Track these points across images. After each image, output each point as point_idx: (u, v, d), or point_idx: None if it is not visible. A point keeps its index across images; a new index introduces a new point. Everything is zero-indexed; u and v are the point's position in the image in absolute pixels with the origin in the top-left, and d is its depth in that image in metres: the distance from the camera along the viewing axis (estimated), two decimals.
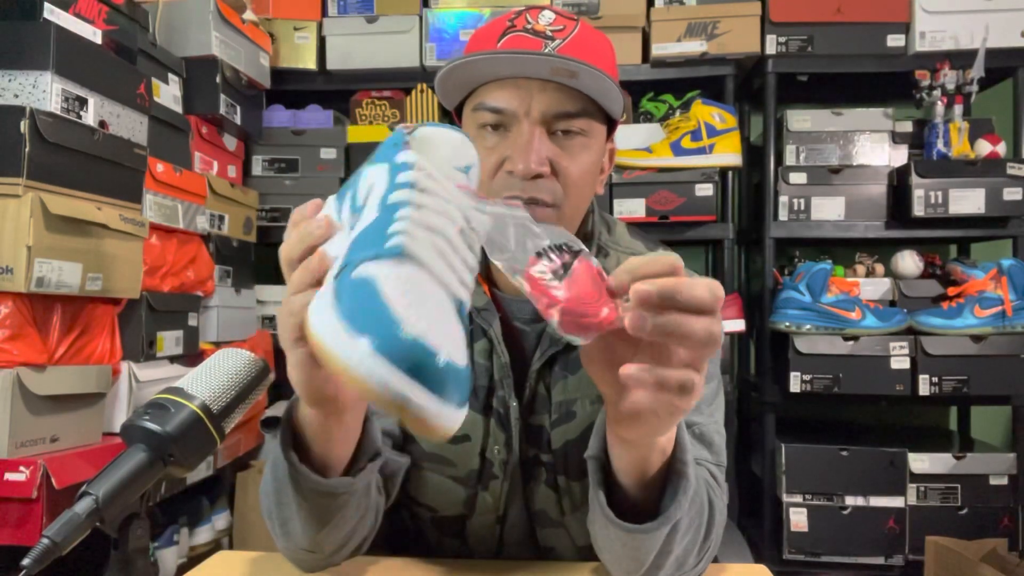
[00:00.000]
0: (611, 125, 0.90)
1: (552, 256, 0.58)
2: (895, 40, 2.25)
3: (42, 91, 1.38)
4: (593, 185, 0.89)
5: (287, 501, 0.71)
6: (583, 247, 0.59)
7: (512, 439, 0.89)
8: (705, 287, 0.53)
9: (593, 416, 0.86)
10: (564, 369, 0.89)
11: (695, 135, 2.16)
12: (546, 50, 0.81)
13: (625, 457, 0.64)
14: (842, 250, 2.45)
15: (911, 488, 2.10)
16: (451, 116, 0.94)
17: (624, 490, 0.66)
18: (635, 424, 0.58)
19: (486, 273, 0.93)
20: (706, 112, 2.17)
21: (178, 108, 1.92)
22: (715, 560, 1.11)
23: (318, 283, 0.53)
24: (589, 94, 0.83)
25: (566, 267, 0.57)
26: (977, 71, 2.12)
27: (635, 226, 1.03)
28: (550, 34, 0.82)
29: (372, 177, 0.57)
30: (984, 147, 2.17)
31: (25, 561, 0.48)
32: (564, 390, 0.88)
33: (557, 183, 0.83)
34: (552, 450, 0.88)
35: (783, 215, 2.26)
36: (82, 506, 0.51)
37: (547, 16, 0.84)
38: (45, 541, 0.49)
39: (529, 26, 0.83)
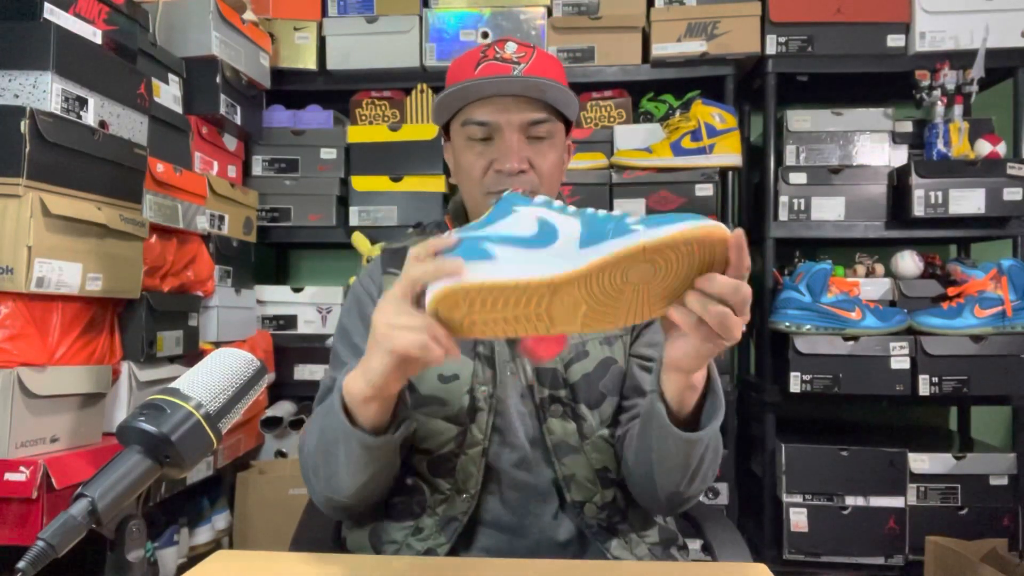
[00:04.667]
0: (567, 126, 1.12)
1: None
2: (895, 40, 2.25)
3: (42, 91, 1.38)
4: (560, 175, 1.12)
5: (337, 456, 0.90)
6: None
7: (496, 376, 1.04)
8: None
9: (603, 353, 1.07)
10: None
11: (695, 135, 2.16)
12: (514, 73, 1.03)
13: (672, 390, 0.85)
14: (842, 250, 2.45)
15: (911, 488, 2.09)
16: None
17: (673, 414, 0.87)
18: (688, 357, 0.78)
19: None
20: (706, 112, 2.17)
21: (178, 108, 1.92)
22: (715, 559, 1.12)
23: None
24: (554, 104, 1.06)
25: None
26: (977, 71, 2.12)
27: None
28: (516, 60, 1.05)
29: None
30: (984, 147, 2.16)
31: (20, 564, 0.48)
32: (578, 334, 1.06)
33: (535, 176, 1.05)
34: (569, 385, 1.04)
35: (783, 215, 2.25)
36: (78, 508, 0.51)
37: (511, 46, 1.06)
38: (40, 544, 0.49)
39: (498, 55, 1.05)
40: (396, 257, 1.15)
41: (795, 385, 2.12)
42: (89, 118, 1.48)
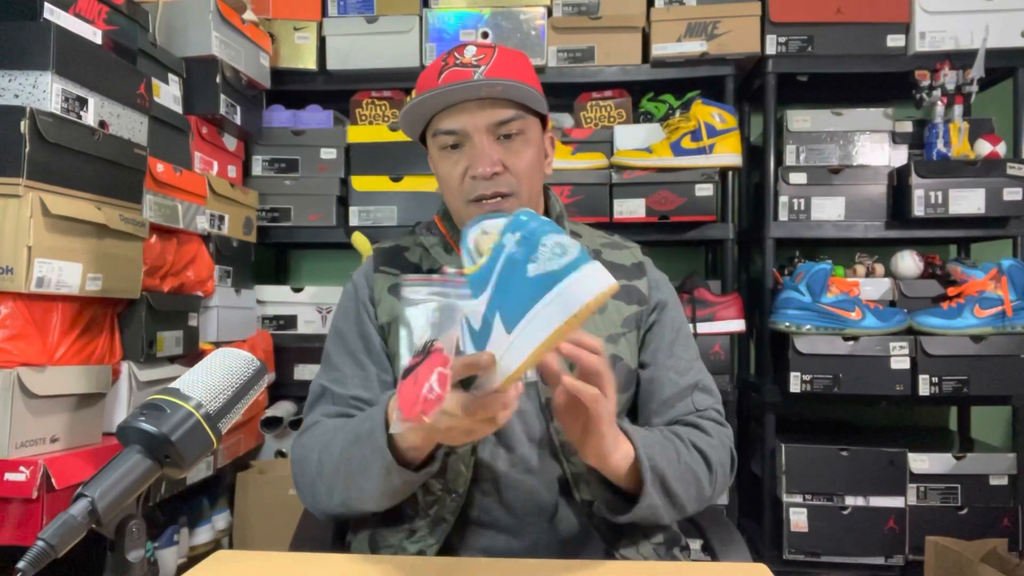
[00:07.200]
0: (543, 119, 1.12)
1: (415, 355, 0.75)
2: (895, 40, 2.25)
3: (42, 91, 1.38)
4: (541, 170, 1.11)
5: (367, 484, 0.95)
6: (436, 344, 0.74)
7: None
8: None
9: (608, 351, 1.02)
10: None
11: (695, 135, 2.16)
12: (475, 76, 1.02)
13: (604, 468, 0.92)
14: (842, 250, 2.45)
15: (911, 488, 2.09)
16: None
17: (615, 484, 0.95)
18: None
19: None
20: (706, 112, 2.16)
21: (178, 108, 1.92)
22: (715, 559, 1.12)
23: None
24: (519, 101, 1.05)
25: (409, 370, 0.74)
26: (977, 71, 2.12)
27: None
28: (475, 63, 1.04)
29: None
30: (984, 147, 2.16)
31: (20, 564, 0.48)
32: None
33: (511, 176, 1.05)
34: None
35: (783, 215, 2.25)
36: (77, 508, 0.51)
37: (470, 50, 1.06)
38: (40, 544, 0.49)
39: (458, 61, 1.05)
40: (388, 256, 1.16)
41: (795, 385, 2.12)
42: (89, 118, 1.48)
